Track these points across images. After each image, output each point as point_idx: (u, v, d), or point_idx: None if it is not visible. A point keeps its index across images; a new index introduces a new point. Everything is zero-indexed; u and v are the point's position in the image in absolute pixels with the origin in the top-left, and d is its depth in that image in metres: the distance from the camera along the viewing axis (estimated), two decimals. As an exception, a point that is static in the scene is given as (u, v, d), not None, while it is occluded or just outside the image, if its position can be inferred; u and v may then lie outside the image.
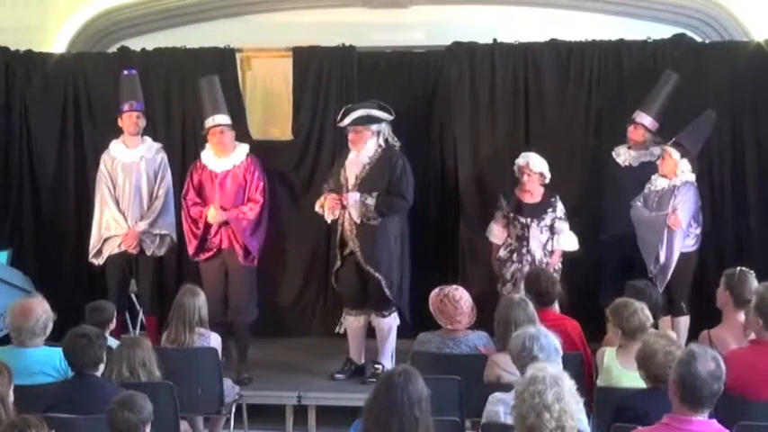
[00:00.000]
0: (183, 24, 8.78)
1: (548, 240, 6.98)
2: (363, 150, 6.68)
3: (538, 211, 6.99)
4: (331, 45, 8.13)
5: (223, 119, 6.97)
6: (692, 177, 6.90)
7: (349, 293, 6.85)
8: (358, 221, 6.59)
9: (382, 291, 6.65)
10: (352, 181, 6.67)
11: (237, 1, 8.75)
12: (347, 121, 6.61)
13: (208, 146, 7.04)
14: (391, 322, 6.81)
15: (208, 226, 6.89)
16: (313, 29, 8.40)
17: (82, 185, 8.16)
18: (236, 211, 6.85)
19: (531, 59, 7.94)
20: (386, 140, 6.75)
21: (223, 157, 6.96)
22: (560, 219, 6.99)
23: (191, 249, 6.98)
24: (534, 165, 6.98)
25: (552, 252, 6.98)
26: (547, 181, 7.03)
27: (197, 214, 6.91)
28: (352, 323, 6.89)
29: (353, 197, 6.58)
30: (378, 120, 6.67)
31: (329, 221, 6.72)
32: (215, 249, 6.92)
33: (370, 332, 6.98)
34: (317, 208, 6.77)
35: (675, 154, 6.84)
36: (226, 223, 6.87)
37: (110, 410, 3.94)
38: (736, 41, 8.09)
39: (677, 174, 6.86)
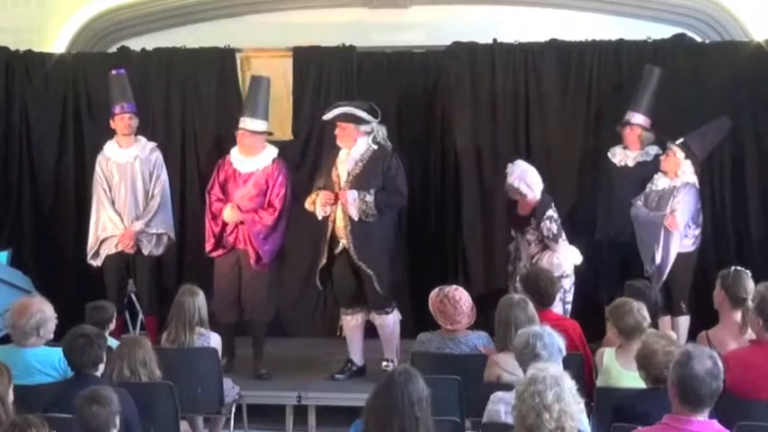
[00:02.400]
0: (183, 24, 8.77)
1: (537, 254, 6.55)
2: (354, 148, 6.67)
3: (522, 224, 6.66)
4: (331, 45, 8.14)
5: (251, 124, 6.89)
6: (694, 179, 6.87)
7: (343, 292, 6.83)
8: (356, 219, 6.58)
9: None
10: (344, 178, 6.66)
11: (237, 1, 8.74)
12: (329, 115, 6.60)
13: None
14: (394, 318, 6.81)
15: (225, 223, 6.89)
16: (313, 29, 8.40)
17: (82, 185, 8.16)
18: (252, 214, 6.85)
19: (531, 59, 7.94)
20: (378, 142, 6.72)
21: (250, 158, 6.96)
22: (549, 238, 6.45)
23: (208, 246, 6.98)
24: (508, 175, 6.57)
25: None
26: (529, 196, 6.51)
27: (218, 210, 6.91)
28: (349, 322, 6.86)
29: (352, 195, 6.56)
30: (358, 119, 6.63)
31: (320, 218, 6.72)
32: (229, 247, 6.91)
33: (370, 332, 6.96)
34: (308, 205, 6.76)
35: (680, 154, 6.80)
36: (242, 223, 6.87)
37: (78, 406, 3.90)
38: (736, 41, 8.08)
39: (678, 174, 6.84)
